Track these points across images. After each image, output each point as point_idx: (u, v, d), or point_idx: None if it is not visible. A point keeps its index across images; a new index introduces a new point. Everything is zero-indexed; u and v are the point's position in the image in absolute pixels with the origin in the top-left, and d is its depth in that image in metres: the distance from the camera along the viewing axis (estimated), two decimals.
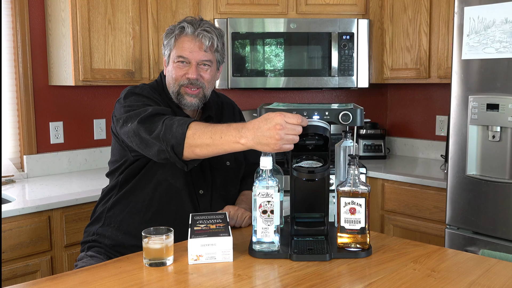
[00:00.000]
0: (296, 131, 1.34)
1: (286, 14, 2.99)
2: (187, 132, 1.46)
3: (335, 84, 2.98)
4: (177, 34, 1.69)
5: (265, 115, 1.36)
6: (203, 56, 1.69)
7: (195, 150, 1.47)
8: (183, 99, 1.70)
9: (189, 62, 1.69)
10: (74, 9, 2.56)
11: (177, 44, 1.69)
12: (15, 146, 2.75)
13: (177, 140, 1.47)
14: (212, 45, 1.69)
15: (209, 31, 1.68)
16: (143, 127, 1.53)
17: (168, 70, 1.74)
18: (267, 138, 1.34)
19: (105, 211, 1.73)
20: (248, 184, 1.85)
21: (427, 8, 2.87)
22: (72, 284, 1.24)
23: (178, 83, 1.70)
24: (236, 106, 1.97)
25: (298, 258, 1.38)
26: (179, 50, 1.68)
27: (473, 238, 2.29)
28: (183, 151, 1.47)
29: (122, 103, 1.66)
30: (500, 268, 1.34)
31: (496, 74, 2.17)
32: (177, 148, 1.47)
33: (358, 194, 1.40)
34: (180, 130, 1.47)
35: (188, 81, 1.68)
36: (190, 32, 1.67)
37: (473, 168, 2.29)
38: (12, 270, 2.09)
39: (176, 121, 1.50)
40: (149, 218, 1.66)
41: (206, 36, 1.67)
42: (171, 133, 1.48)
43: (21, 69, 2.71)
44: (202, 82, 1.70)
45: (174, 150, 1.48)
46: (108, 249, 1.69)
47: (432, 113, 3.31)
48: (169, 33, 1.72)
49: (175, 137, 1.47)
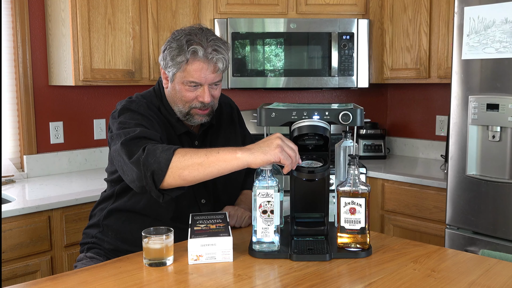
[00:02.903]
0: (294, 153, 1.37)
1: (286, 14, 2.99)
2: (174, 157, 1.38)
3: (335, 84, 2.98)
4: (188, 59, 1.57)
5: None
6: (215, 78, 1.61)
7: (183, 173, 1.38)
8: (193, 119, 1.65)
9: (200, 84, 1.61)
10: (74, 9, 2.56)
11: (188, 68, 1.58)
12: (15, 146, 2.75)
13: (160, 165, 1.38)
14: (225, 66, 1.63)
15: (220, 51, 1.58)
16: (124, 149, 1.46)
17: (175, 89, 1.64)
18: (267, 145, 1.36)
19: (102, 219, 1.71)
20: (247, 184, 1.85)
21: (427, 8, 2.87)
22: (72, 284, 1.24)
23: (189, 106, 1.63)
24: (234, 104, 1.93)
25: (298, 258, 1.38)
26: (190, 74, 1.58)
27: (473, 238, 2.29)
28: (164, 178, 1.39)
29: (116, 118, 1.60)
30: (500, 268, 1.34)
31: (496, 74, 2.17)
32: (157, 174, 1.39)
33: (358, 194, 1.40)
34: (165, 155, 1.39)
35: (201, 104, 1.63)
36: (201, 56, 1.56)
37: (473, 168, 2.29)
38: (12, 270, 2.09)
39: (160, 147, 1.42)
40: (147, 226, 1.63)
41: (220, 59, 1.58)
42: (154, 157, 1.40)
43: (21, 69, 2.71)
44: (212, 101, 1.65)
45: (154, 177, 1.40)
46: (108, 251, 1.69)
47: (432, 113, 3.31)
48: (177, 54, 1.58)
49: (158, 162, 1.39)
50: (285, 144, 1.36)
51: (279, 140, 1.36)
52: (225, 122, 1.83)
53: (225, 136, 1.80)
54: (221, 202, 1.75)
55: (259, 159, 1.35)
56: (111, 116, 1.64)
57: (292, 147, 1.38)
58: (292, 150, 1.37)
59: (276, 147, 1.35)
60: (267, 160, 1.34)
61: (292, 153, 1.36)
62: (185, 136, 1.71)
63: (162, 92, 1.72)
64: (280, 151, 1.34)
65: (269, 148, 1.35)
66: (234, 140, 1.82)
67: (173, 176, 1.39)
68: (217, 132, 1.79)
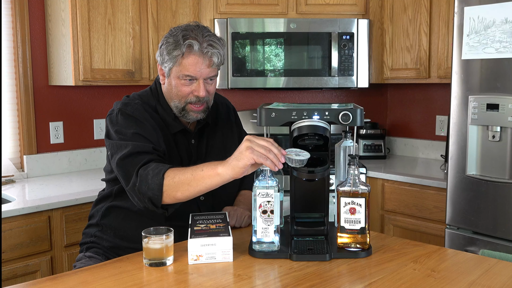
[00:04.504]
0: (267, 149, 1.34)
1: (286, 14, 2.99)
2: (164, 182, 1.45)
3: (335, 84, 2.98)
4: (184, 52, 1.60)
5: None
6: (211, 72, 1.64)
7: (176, 194, 1.46)
8: (188, 115, 1.67)
9: (195, 79, 1.63)
10: (74, 9, 2.56)
11: (184, 61, 1.61)
12: (15, 146, 2.75)
13: (154, 192, 1.46)
14: (220, 61, 1.65)
15: (215, 46, 1.61)
16: (121, 172, 1.55)
17: (171, 84, 1.66)
18: (239, 151, 1.37)
19: (100, 217, 1.73)
20: (246, 184, 1.85)
21: (427, 8, 2.87)
22: (72, 284, 1.24)
23: (184, 101, 1.65)
24: (231, 105, 1.94)
25: (298, 258, 1.38)
26: (185, 68, 1.61)
27: (473, 238, 2.29)
28: (160, 202, 1.48)
29: (113, 122, 1.65)
30: (500, 268, 1.34)
31: (496, 74, 2.17)
32: (154, 200, 1.48)
33: (358, 194, 1.40)
34: (156, 181, 1.46)
35: (197, 98, 1.65)
36: (197, 50, 1.59)
37: (473, 168, 2.29)
38: (12, 270, 2.09)
39: (151, 172, 1.48)
40: (145, 223, 1.64)
41: (215, 53, 1.60)
42: (147, 185, 1.47)
43: (21, 69, 2.71)
44: (207, 96, 1.67)
45: (153, 202, 1.48)
46: (107, 250, 1.69)
47: (432, 113, 3.31)
48: (173, 48, 1.61)
49: (152, 189, 1.46)
50: (254, 144, 1.35)
51: (248, 142, 1.36)
52: (222, 121, 1.84)
53: (222, 135, 1.82)
54: (220, 200, 1.76)
55: (236, 168, 1.37)
56: (108, 117, 1.69)
57: (262, 144, 1.35)
58: (263, 146, 1.35)
59: (246, 150, 1.35)
60: (243, 166, 1.35)
61: (263, 150, 1.34)
62: (181, 135, 1.72)
63: (159, 91, 1.73)
64: (251, 152, 1.34)
65: (241, 154, 1.36)
66: (231, 139, 1.83)
67: (168, 198, 1.48)
68: (214, 131, 1.80)
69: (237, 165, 1.36)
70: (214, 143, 1.78)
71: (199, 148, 1.75)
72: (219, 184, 1.42)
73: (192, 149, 1.73)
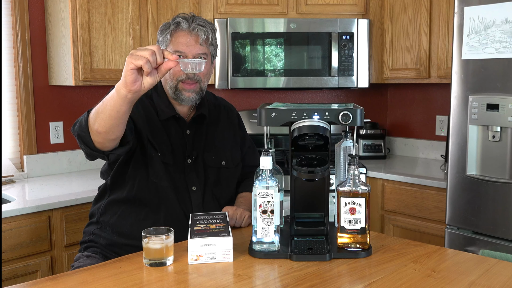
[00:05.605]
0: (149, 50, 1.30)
1: (286, 14, 2.99)
2: (89, 116, 1.45)
3: (335, 84, 2.98)
4: (172, 30, 1.70)
5: None
6: (199, 50, 1.70)
7: (97, 127, 1.43)
8: (181, 95, 1.71)
9: (185, 56, 1.69)
10: (74, 9, 2.56)
11: (173, 39, 1.70)
12: (15, 146, 2.75)
13: (82, 128, 1.48)
14: (207, 38, 1.71)
15: (204, 25, 1.71)
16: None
17: None
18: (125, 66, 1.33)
19: (99, 215, 1.74)
20: (246, 186, 1.86)
21: (427, 8, 2.87)
22: (72, 284, 1.24)
23: (176, 78, 1.70)
24: (235, 110, 1.98)
25: (298, 258, 1.38)
26: (175, 45, 1.69)
27: (473, 238, 2.29)
28: (90, 139, 1.47)
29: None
30: (500, 268, 1.34)
31: (496, 74, 2.17)
32: (83, 138, 1.48)
33: (358, 194, 1.40)
34: (83, 117, 1.48)
35: (186, 76, 1.69)
36: (185, 27, 1.69)
37: (473, 168, 2.29)
38: (12, 270, 2.09)
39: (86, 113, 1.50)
40: (142, 217, 1.67)
41: (202, 30, 1.69)
42: (80, 124, 1.48)
43: (21, 69, 2.71)
44: (198, 76, 1.72)
45: (83, 140, 1.49)
46: (104, 248, 1.70)
47: (432, 113, 3.31)
48: (164, 29, 1.72)
49: (80, 126, 1.48)
50: (135, 50, 1.32)
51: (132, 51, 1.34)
52: (224, 120, 1.88)
53: (223, 135, 1.84)
54: (213, 193, 1.76)
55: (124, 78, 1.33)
56: None
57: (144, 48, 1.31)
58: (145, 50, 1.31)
59: (128, 57, 1.32)
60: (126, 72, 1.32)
61: (144, 52, 1.30)
62: (174, 122, 1.75)
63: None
64: (129, 57, 1.31)
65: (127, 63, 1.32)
66: (233, 139, 1.86)
67: (93, 133, 1.46)
68: (215, 129, 1.83)
69: (123, 74, 1.33)
70: (214, 140, 1.81)
71: (195, 140, 1.77)
72: (121, 103, 1.37)
73: (186, 139, 1.75)
